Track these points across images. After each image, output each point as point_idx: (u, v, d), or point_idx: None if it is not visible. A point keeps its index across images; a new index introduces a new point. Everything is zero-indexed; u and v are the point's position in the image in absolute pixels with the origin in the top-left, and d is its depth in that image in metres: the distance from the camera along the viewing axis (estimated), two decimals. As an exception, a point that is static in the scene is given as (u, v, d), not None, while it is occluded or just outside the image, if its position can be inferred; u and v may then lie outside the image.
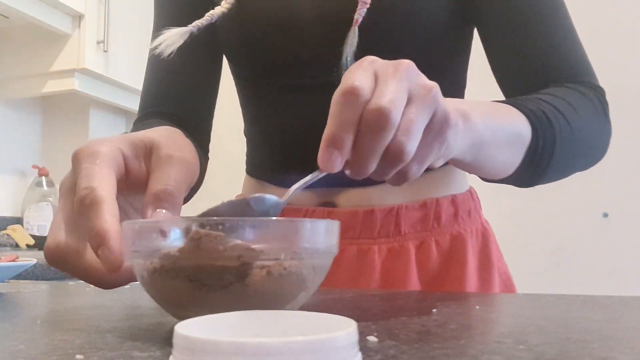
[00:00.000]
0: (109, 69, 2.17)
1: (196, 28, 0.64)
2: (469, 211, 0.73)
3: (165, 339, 0.33)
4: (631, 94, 1.96)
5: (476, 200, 0.75)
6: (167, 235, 0.34)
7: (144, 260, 0.34)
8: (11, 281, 0.75)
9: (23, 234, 2.10)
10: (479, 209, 0.76)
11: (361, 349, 0.22)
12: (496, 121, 0.50)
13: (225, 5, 0.66)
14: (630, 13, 2.02)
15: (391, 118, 0.36)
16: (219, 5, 0.67)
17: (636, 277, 1.93)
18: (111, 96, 2.27)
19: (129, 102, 2.39)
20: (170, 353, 0.21)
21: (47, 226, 2.22)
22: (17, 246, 2.04)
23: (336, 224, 0.38)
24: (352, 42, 0.61)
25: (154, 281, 0.35)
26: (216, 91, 0.80)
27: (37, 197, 2.23)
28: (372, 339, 0.31)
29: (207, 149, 0.79)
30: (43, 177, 2.26)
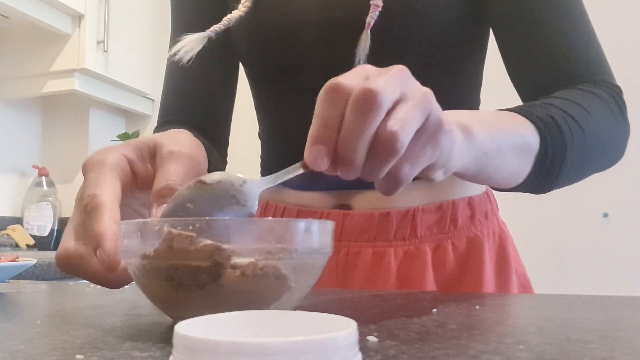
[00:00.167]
0: (109, 69, 2.17)
1: (214, 33, 0.65)
2: (485, 213, 0.72)
3: (165, 339, 0.33)
4: (631, 94, 1.96)
5: (493, 202, 0.74)
6: (143, 235, 0.34)
7: (131, 260, 0.36)
8: (11, 281, 0.75)
9: (23, 234, 2.10)
10: (495, 211, 0.75)
11: (361, 349, 0.22)
12: (501, 132, 0.49)
13: (242, 9, 0.67)
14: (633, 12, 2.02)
15: (379, 98, 0.34)
16: (234, 9, 0.67)
17: (636, 277, 1.93)
18: (111, 96, 2.27)
19: (129, 102, 2.40)
20: (170, 353, 0.21)
21: (47, 226, 2.22)
22: (17, 246, 2.04)
23: (327, 223, 0.37)
24: (364, 45, 0.61)
25: (140, 280, 0.36)
26: (233, 96, 0.80)
27: (37, 197, 2.23)
28: (372, 339, 0.31)
29: (225, 152, 0.80)
30: (43, 177, 2.26)
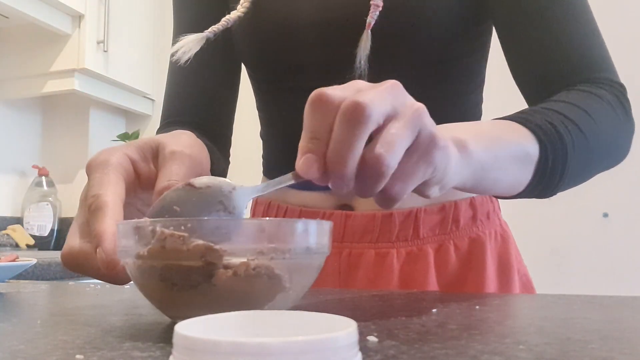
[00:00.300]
0: (109, 69, 2.17)
1: (212, 33, 0.64)
2: (487, 213, 0.72)
3: (165, 339, 0.33)
4: (631, 94, 1.96)
5: (495, 202, 0.74)
6: (138, 236, 0.34)
7: (127, 260, 0.36)
8: (11, 281, 0.75)
9: (23, 234, 2.10)
10: (497, 211, 0.75)
11: (361, 349, 0.22)
12: (498, 144, 0.48)
13: (241, 9, 0.66)
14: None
15: (367, 111, 0.34)
16: (234, 10, 0.67)
17: (636, 277, 1.93)
18: (111, 96, 2.27)
19: (129, 102, 2.40)
20: (170, 353, 0.21)
21: (47, 226, 2.22)
22: (17, 246, 2.04)
23: (323, 223, 0.37)
24: (365, 46, 0.61)
25: (137, 280, 0.36)
26: (236, 96, 0.80)
27: (37, 197, 2.23)
28: (372, 339, 0.31)
29: (228, 153, 0.80)
30: (43, 177, 2.26)
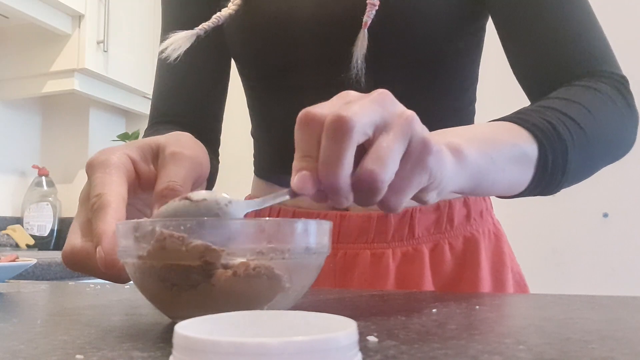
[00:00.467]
0: (109, 69, 2.17)
1: (203, 31, 0.64)
2: (480, 212, 0.72)
3: (165, 339, 0.33)
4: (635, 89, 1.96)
5: (487, 201, 0.75)
6: (138, 236, 0.34)
7: (127, 260, 0.36)
8: (11, 281, 0.75)
9: (23, 234, 2.10)
10: (490, 209, 0.75)
11: (361, 349, 0.22)
12: (495, 147, 0.48)
13: (232, 7, 0.66)
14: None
15: (350, 124, 0.34)
16: (225, 7, 0.67)
17: (636, 277, 1.93)
18: (111, 96, 2.27)
19: (129, 102, 2.40)
20: (170, 353, 0.21)
21: (47, 226, 2.22)
22: (17, 246, 2.04)
23: (323, 223, 0.37)
24: (362, 45, 0.61)
25: (137, 280, 0.36)
26: (225, 94, 0.80)
27: (37, 197, 2.23)
28: (372, 339, 0.31)
29: (217, 152, 0.79)
30: (43, 177, 2.26)
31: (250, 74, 0.75)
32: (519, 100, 0.66)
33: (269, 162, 0.76)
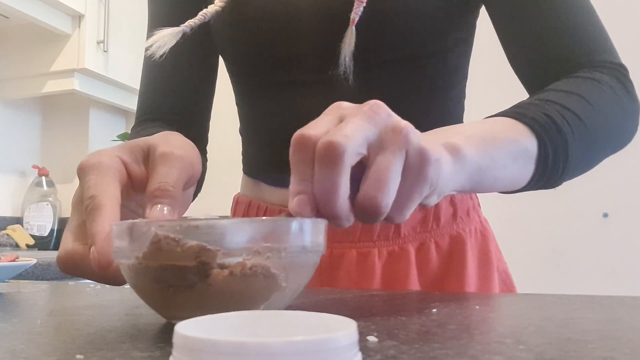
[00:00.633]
0: (109, 69, 2.17)
1: (189, 28, 0.63)
2: (467, 211, 0.72)
3: (165, 339, 0.33)
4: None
5: (474, 199, 0.75)
6: (133, 237, 0.34)
7: (122, 261, 0.36)
8: (11, 281, 0.75)
9: (23, 234, 2.10)
10: (477, 208, 0.75)
11: (361, 349, 0.22)
12: (494, 144, 0.47)
13: (219, 3, 0.65)
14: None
15: (340, 149, 0.34)
16: (212, 4, 0.66)
17: (636, 277, 1.93)
18: (111, 96, 2.27)
19: (129, 102, 2.39)
20: (170, 353, 0.21)
21: (47, 226, 2.22)
22: (17, 246, 2.04)
23: (318, 222, 0.37)
24: (350, 42, 0.60)
25: (132, 281, 0.36)
26: (213, 91, 0.79)
27: (37, 197, 2.24)
28: (372, 339, 0.31)
29: (205, 150, 0.79)
30: (43, 177, 2.26)
31: (238, 70, 0.74)
32: (509, 97, 0.66)
33: (257, 160, 0.76)
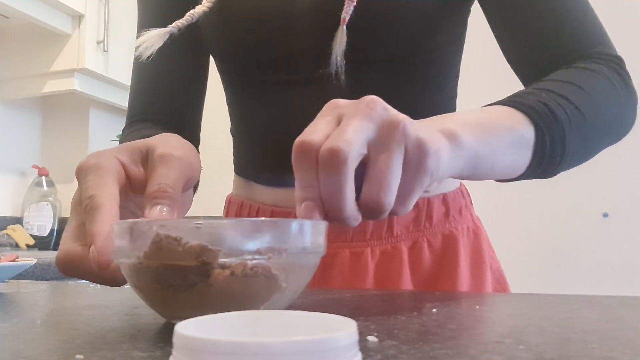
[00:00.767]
0: (109, 69, 2.17)
1: (176, 29, 0.63)
2: (459, 209, 0.72)
3: (165, 339, 0.33)
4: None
5: (467, 198, 0.75)
6: (133, 237, 0.34)
7: (122, 260, 0.36)
8: (11, 281, 0.75)
9: (23, 234, 2.10)
10: (469, 207, 0.75)
11: (361, 349, 0.22)
12: (492, 131, 0.48)
13: (206, 4, 0.65)
14: None
15: (342, 155, 0.35)
16: (199, 4, 0.66)
17: (636, 277, 1.93)
18: (111, 96, 2.27)
19: (129, 102, 2.39)
20: (170, 353, 0.21)
21: (47, 226, 2.22)
22: (17, 246, 2.04)
23: (319, 223, 0.37)
24: (340, 41, 0.60)
25: (132, 281, 0.36)
26: (204, 91, 0.79)
27: (37, 197, 2.24)
28: (372, 339, 0.31)
29: (197, 150, 0.79)
30: (43, 177, 2.26)
31: (228, 70, 0.74)
32: (500, 95, 0.66)
33: (248, 159, 0.76)
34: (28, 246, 2.09)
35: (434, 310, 0.43)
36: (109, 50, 2.14)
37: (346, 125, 0.37)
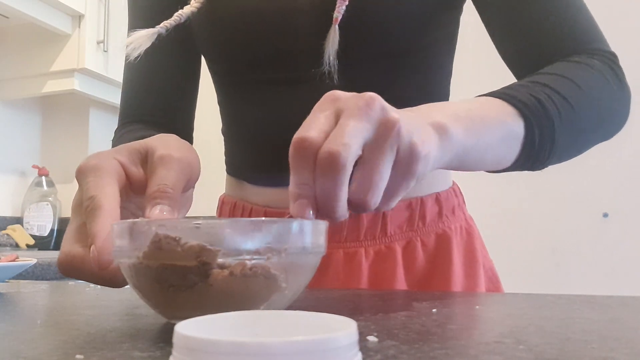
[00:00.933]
0: (109, 69, 2.17)
1: (164, 29, 0.63)
2: (452, 208, 0.72)
3: (165, 339, 0.33)
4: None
5: (459, 197, 0.75)
6: (133, 237, 0.34)
7: (122, 260, 0.36)
8: (11, 281, 0.75)
9: (23, 234, 2.10)
10: (462, 206, 0.75)
11: (361, 349, 0.22)
12: (481, 124, 0.48)
13: (195, 4, 0.65)
14: None
15: (341, 159, 0.36)
16: (188, 4, 0.65)
17: (636, 277, 1.93)
18: (111, 96, 2.27)
19: (129, 102, 2.39)
20: (170, 353, 0.21)
21: (47, 226, 2.22)
22: (17, 246, 2.04)
23: (319, 223, 0.38)
24: (333, 41, 0.60)
25: (132, 281, 0.36)
26: (196, 91, 0.79)
27: (37, 197, 2.23)
28: (372, 339, 0.31)
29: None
30: (43, 177, 2.26)
31: (219, 70, 0.73)
32: None
33: (240, 159, 0.75)
34: (28, 246, 2.08)
35: (433, 310, 0.43)
36: (108, 50, 2.14)
37: (345, 126, 0.37)
